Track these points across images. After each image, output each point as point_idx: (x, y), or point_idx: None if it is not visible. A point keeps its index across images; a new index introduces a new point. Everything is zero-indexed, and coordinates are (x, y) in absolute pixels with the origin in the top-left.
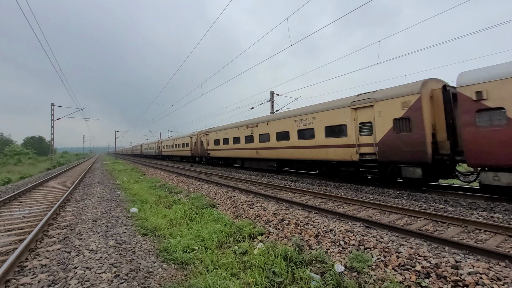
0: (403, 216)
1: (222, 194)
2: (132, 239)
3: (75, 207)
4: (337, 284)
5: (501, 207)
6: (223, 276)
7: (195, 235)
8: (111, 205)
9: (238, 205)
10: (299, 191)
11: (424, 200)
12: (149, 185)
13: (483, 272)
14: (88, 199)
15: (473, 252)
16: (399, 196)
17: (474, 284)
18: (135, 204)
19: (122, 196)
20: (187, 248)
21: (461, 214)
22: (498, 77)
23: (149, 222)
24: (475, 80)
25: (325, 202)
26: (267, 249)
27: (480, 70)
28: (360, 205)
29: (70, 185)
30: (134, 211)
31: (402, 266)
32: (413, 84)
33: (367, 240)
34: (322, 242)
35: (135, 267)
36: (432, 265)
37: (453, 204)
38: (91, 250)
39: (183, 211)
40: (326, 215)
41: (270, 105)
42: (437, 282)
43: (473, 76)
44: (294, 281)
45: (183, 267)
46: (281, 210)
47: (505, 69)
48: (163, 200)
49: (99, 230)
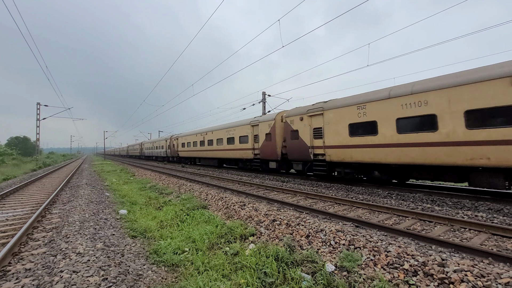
0: (392, 215)
1: (213, 195)
2: (121, 242)
3: (61, 209)
4: (327, 284)
5: (484, 206)
6: (214, 277)
7: (186, 237)
8: (99, 207)
9: (229, 206)
10: (290, 191)
11: (412, 200)
12: (139, 186)
13: (468, 269)
14: (75, 201)
15: (459, 250)
16: (388, 196)
17: (459, 281)
18: (124, 205)
19: (111, 198)
20: (178, 250)
21: (447, 213)
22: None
23: (138, 224)
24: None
25: (316, 203)
26: (259, 249)
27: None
28: (350, 205)
29: (57, 187)
30: (123, 213)
31: (391, 265)
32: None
33: (357, 239)
34: (313, 242)
35: (124, 270)
36: (419, 264)
37: (439, 204)
38: (78, 253)
39: (173, 213)
40: (317, 215)
41: (262, 106)
42: (424, 280)
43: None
44: (285, 281)
45: (174, 269)
46: (273, 210)
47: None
48: (153, 202)
49: (86, 233)
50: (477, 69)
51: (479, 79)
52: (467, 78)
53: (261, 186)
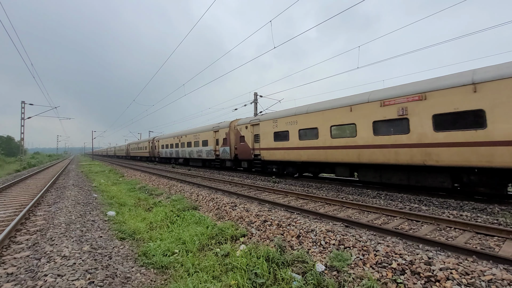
0: (380, 215)
1: (204, 195)
2: (108, 244)
3: (46, 211)
4: (317, 284)
5: (469, 206)
6: (204, 279)
7: (176, 238)
8: (86, 208)
9: (220, 207)
10: (281, 192)
11: (400, 200)
12: (128, 187)
13: (453, 267)
14: (61, 202)
15: (444, 248)
16: (377, 196)
17: (445, 279)
18: (112, 207)
19: (98, 199)
20: (167, 252)
21: (434, 213)
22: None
23: (127, 226)
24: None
25: (307, 203)
26: (250, 250)
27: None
28: (340, 206)
29: (42, 188)
30: (112, 214)
31: (380, 264)
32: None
33: (346, 239)
34: (304, 242)
35: (111, 273)
36: (407, 262)
37: (426, 204)
38: (63, 256)
39: (163, 214)
40: (308, 215)
41: (254, 107)
42: (411, 278)
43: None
44: (276, 281)
45: (163, 271)
46: (264, 211)
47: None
48: (143, 203)
49: (72, 235)
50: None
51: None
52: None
53: (253, 186)
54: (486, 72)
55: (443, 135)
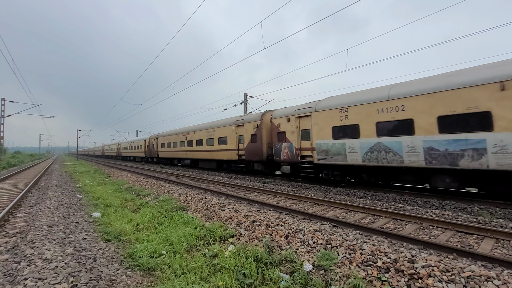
0: (367, 215)
1: (193, 196)
2: (93, 246)
3: (27, 213)
4: (305, 283)
5: (451, 205)
6: (192, 280)
7: (164, 239)
8: (70, 209)
9: (209, 208)
10: (270, 192)
11: (385, 200)
12: (114, 187)
13: (435, 265)
14: (43, 204)
15: (427, 246)
16: (364, 196)
17: (427, 276)
18: (98, 208)
19: (83, 200)
20: (154, 253)
21: (417, 212)
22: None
23: (113, 227)
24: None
25: (295, 203)
26: (238, 251)
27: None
28: (328, 206)
29: (23, 188)
30: (97, 216)
31: (365, 263)
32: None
33: (334, 238)
34: (292, 242)
35: (95, 276)
36: (391, 260)
37: (410, 203)
38: (45, 259)
39: (151, 215)
40: (296, 215)
41: (244, 107)
42: (395, 276)
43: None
44: (264, 282)
45: (150, 273)
46: (253, 211)
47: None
48: (130, 204)
49: (55, 237)
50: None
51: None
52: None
53: (242, 187)
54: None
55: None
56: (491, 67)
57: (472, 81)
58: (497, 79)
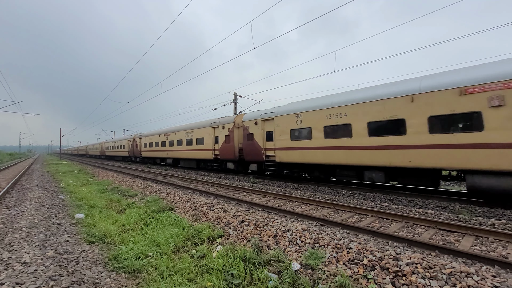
0: (354, 214)
1: (181, 196)
2: (76, 248)
3: (5, 214)
4: (293, 282)
5: (433, 204)
6: (178, 282)
7: (150, 241)
8: (52, 211)
9: (197, 208)
10: (259, 192)
11: (372, 199)
12: (99, 188)
13: (418, 262)
14: (22, 205)
15: (411, 244)
16: (351, 195)
17: (411, 273)
18: (81, 209)
19: (66, 201)
20: (140, 255)
21: (402, 211)
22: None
23: (97, 229)
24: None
25: (284, 203)
26: (226, 251)
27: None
28: (316, 205)
29: (1, 189)
30: (80, 217)
31: (352, 261)
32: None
33: (321, 238)
34: (280, 242)
35: (78, 279)
36: (377, 259)
37: (396, 202)
38: (23, 263)
39: (137, 215)
40: (285, 215)
41: (233, 107)
42: (381, 273)
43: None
44: (252, 281)
45: (135, 275)
46: (242, 211)
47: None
48: (115, 204)
49: (35, 240)
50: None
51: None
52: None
53: (231, 187)
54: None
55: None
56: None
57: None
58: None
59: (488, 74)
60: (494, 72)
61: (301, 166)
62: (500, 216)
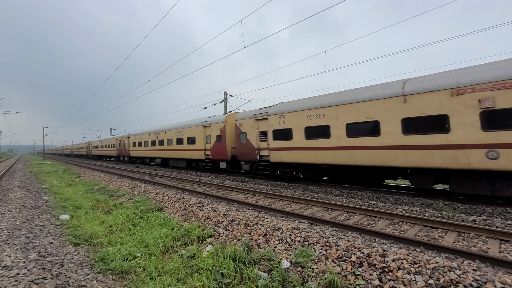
0: (342, 212)
1: (170, 196)
2: (60, 250)
3: None
4: (283, 280)
5: (419, 202)
6: (168, 282)
7: (138, 241)
8: (34, 212)
9: (187, 208)
10: (250, 191)
11: (360, 198)
12: (85, 188)
13: (404, 258)
14: (3, 206)
15: (397, 241)
16: (340, 194)
17: (397, 269)
18: (66, 210)
19: (50, 202)
20: (128, 256)
21: (389, 209)
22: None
23: (83, 230)
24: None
25: (274, 202)
26: (216, 251)
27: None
28: (306, 204)
29: None
30: (65, 218)
31: (340, 258)
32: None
33: (311, 236)
34: (270, 240)
35: (63, 282)
36: (364, 255)
37: (383, 200)
38: (4, 266)
39: (125, 216)
40: (275, 214)
41: (223, 106)
42: (368, 270)
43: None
44: (242, 281)
45: (123, 277)
46: (232, 211)
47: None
48: (102, 205)
49: (16, 242)
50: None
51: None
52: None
53: (221, 186)
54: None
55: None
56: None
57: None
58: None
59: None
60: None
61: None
62: (480, 212)
